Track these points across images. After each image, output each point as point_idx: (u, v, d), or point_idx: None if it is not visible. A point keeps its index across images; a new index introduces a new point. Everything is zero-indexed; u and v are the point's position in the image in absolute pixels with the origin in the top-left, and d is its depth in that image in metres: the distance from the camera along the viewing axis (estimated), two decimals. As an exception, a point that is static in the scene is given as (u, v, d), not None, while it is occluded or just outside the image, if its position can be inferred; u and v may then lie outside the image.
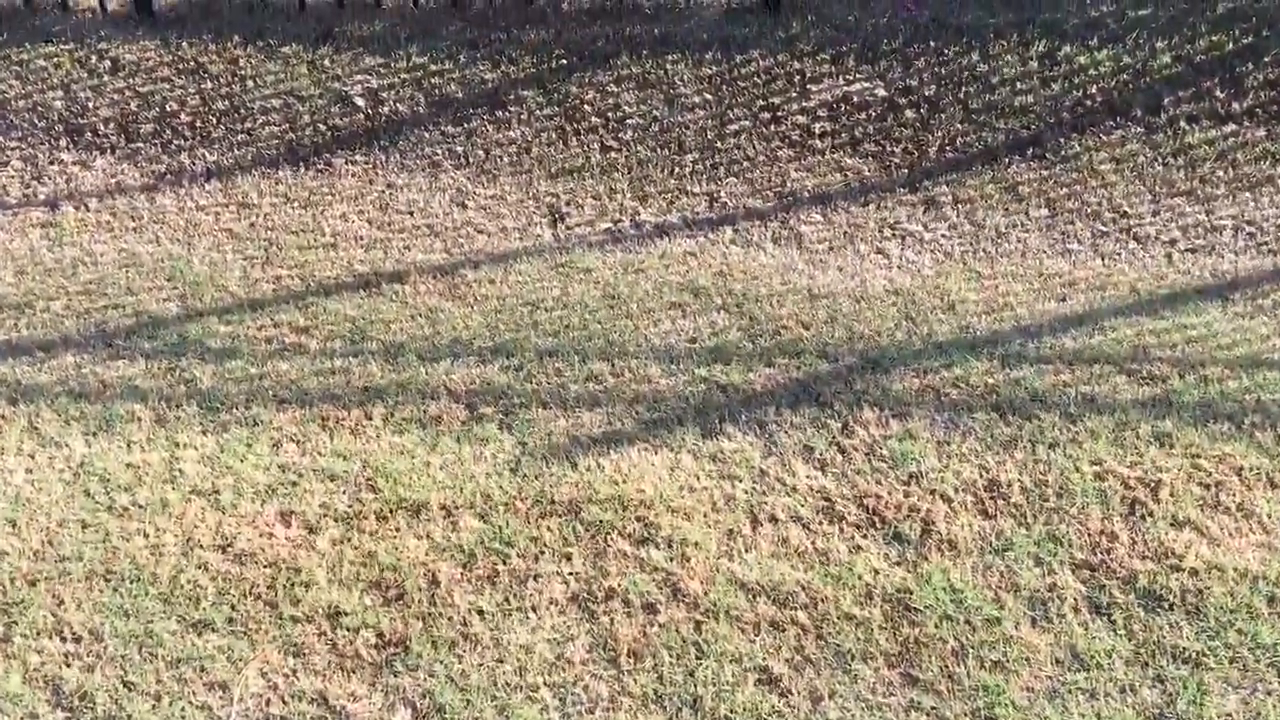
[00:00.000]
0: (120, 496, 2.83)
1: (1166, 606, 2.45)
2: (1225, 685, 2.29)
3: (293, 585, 2.60)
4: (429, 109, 4.43)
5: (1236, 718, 2.23)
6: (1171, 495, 2.68)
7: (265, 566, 2.64)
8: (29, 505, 2.82)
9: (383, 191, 4.16)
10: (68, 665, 2.44)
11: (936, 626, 2.44)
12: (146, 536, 2.72)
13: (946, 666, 2.37)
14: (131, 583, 2.61)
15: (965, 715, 2.28)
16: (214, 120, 4.45)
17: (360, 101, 4.48)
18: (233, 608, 2.55)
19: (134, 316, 3.51)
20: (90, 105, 4.52)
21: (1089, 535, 2.61)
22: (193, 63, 4.59)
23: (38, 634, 2.50)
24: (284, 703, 2.37)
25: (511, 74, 4.48)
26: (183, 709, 2.35)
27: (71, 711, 2.36)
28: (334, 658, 2.45)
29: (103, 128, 4.47)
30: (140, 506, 2.80)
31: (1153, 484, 2.72)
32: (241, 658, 2.44)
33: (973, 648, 2.40)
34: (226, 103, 4.48)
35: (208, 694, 2.38)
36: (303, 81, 4.51)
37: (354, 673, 2.42)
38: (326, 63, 4.56)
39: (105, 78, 4.58)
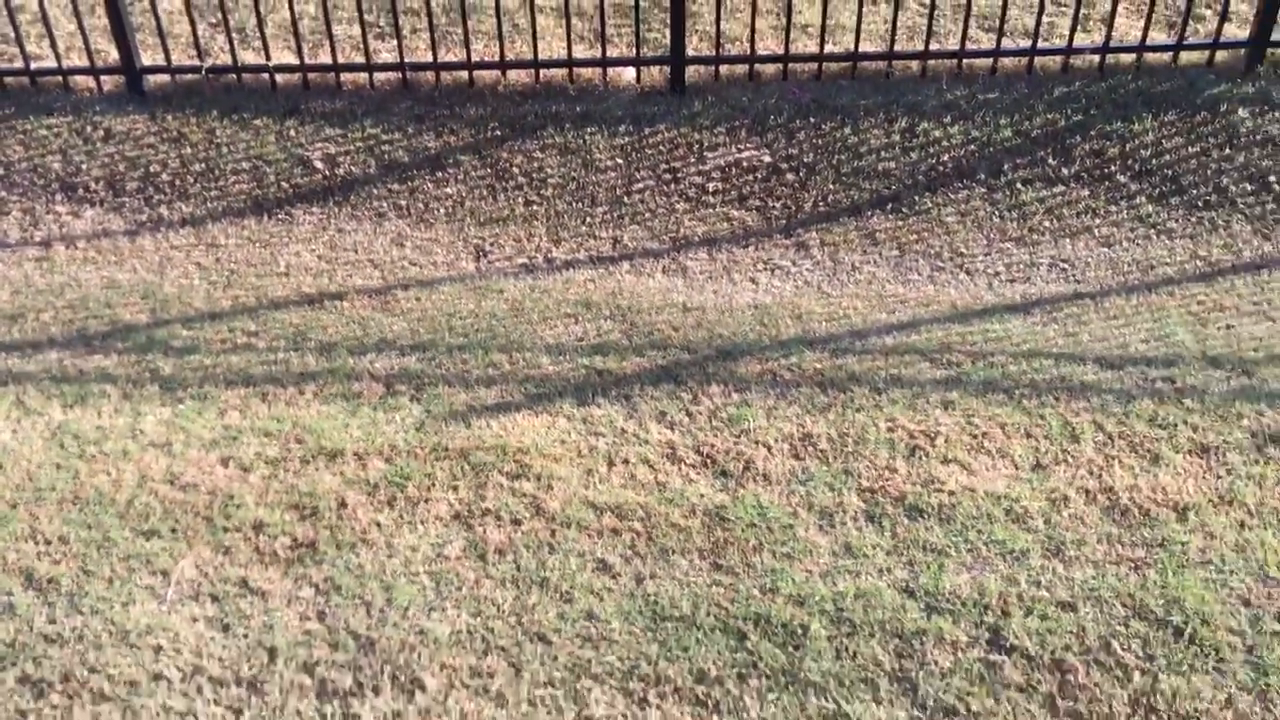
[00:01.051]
0: (89, 448, 3.51)
1: (925, 516, 3.12)
2: (960, 567, 2.95)
3: (226, 507, 3.26)
4: (379, 170, 5.25)
5: (964, 587, 2.88)
6: (946, 442, 3.38)
7: (205, 494, 3.31)
8: (12, 454, 3.49)
9: (333, 235, 4.94)
10: (39, 560, 3.08)
11: (743, 531, 3.10)
12: (109, 474, 3.39)
13: (746, 557, 3.02)
14: (94, 505, 3.26)
15: (755, 588, 2.92)
16: (191, 179, 5.25)
17: (319, 164, 5.30)
18: (175, 521, 3.20)
19: (110, 325, 4.23)
20: (84, 167, 5.33)
21: (875, 469, 3.29)
22: (175, 132, 5.42)
23: (15, 539, 3.15)
24: (213, 585, 3.00)
25: (452, 142, 5.32)
26: (130, 590, 2.98)
27: (41, 591, 2.99)
28: (255, 555, 3.09)
29: (93, 185, 5.27)
30: (105, 455, 3.48)
31: (933, 434, 3.42)
32: (180, 554, 3.08)
33: (769, 545, 3.05)
34: (203, 165, 5.30)
35: (151, 579, 3.02)
36: (270, 148, 5.34)
37: (271, 565, 3.06)
38: (292, 132, 5.40)
39: (98, 144, 5.41)
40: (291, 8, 5.33)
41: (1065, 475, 3.26)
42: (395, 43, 5.57)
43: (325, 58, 5.58)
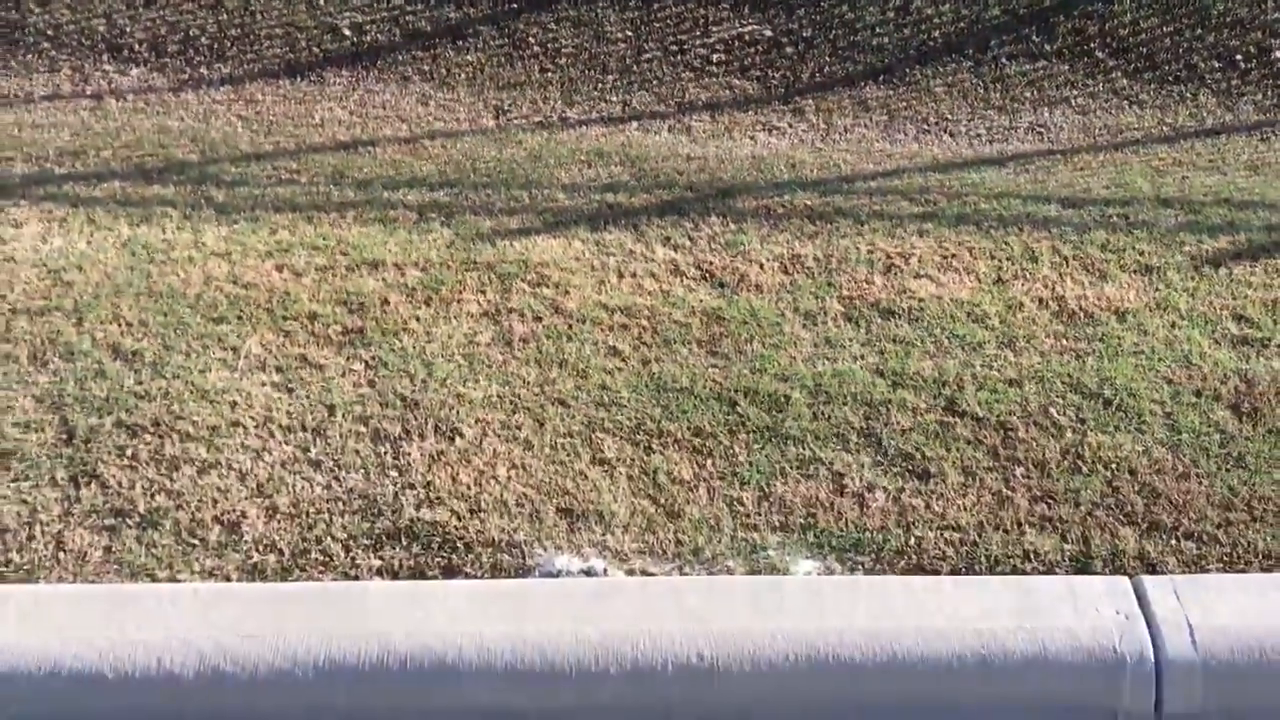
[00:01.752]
0: (157, 255, 4.00)
1: (896, 316, 3.63)
2: (925, 354, 3.47)
3: (284, 301, 3.76)
4: (403, 39, 5.68)
5: (927, 369, 3.40)
6: (919, 261, 3.88)
7: (264, 291, 3.81)
8: (89, 259, 3.98)
9: (362, 94, 5.39)
10: (124, 338, 3.58)
11: (736, 328, 3.61)
12: (178, 276, 3.89)
13: (739, 346, 3.54)
14: (168, 298, 3.76)
15: (746, 369, 3.44)
16: (228, 43, 5.69)
17: (348, 31, 5.72)
18: (240, 311, 3.71)
19: (164, 162, 4.70)
20: (127, 29, 5.76)
21: (855, 282, 3.80)
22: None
23: (100, 322, 3.65)
24: (277, 359, 3.51)
25: (471, 14, 5.74)
26: (206, 360, 3.49)
27: (128, 361, 3.49)
28: (311, 338, 3.60)
29: (137, 46, 5.70)
30: (173, 260, 3.97)
31: (908, 255, 3.92)
32: (246, 335, 3.58)
33: (758, 338, 3.56)
34: (238, 30, 5.73)
35: (223, 353, 3.53)
36: (301, 16, 5.76)
37: (325, 346, 3.57)
38: (322, 2, 5.81)
39: (140, 9, 5.83)
40: (323, -119, 5.72)
41: (1022, 287, 3.76)
42: (420, -81, 5.97)
43: (353, -68, 5.98)
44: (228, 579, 2.86)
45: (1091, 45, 5.50)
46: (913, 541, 2.87)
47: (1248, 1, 5.59)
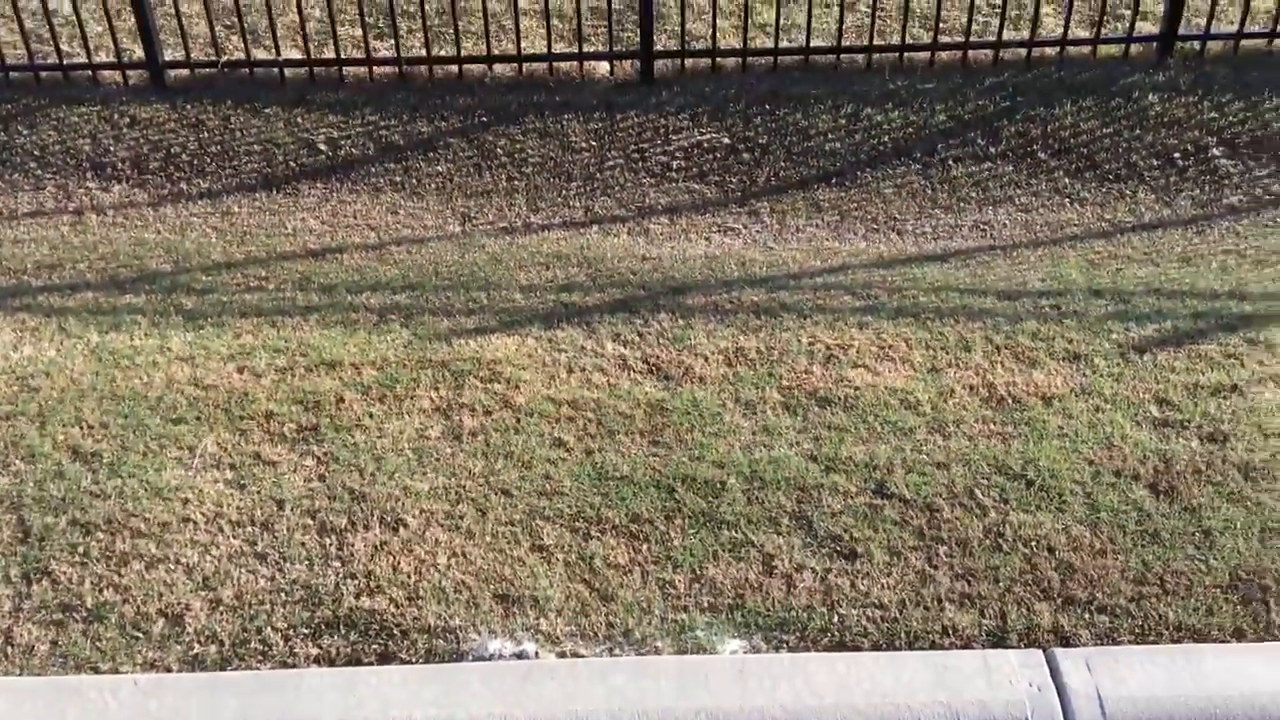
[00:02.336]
0: (123, 360, 4.16)
1: (833, 405, 3.75)
2: (858, 440, 3.58)
3: (242, 401, 3.90)
4: (376, 152, 5.93)
5: (859, 454, 3.51)
6: (857, 352, 4.02)
7: (224, 392, 3.95)
8: (57, 365, 4.14)
9: (335, 205, 5.61)
10: (84, 439, 3.71)
11: (679, 418, 3.74)
12: (141, 379, 4.04)
13: (680, 436, 3.65)
14: (129, 400, 3.91)
15: (685, 457, 3.55)
16: (208, 160, 5.94)
17: (323, 147, 5.98)
18: (199, 411, 3.84)
19: (138, 272, 4.89)
20: (111, 149, 6.02)
21: (795, 373, 3.93)
22: (194, 119, 6.12)
23: (63, 425, 3.79)
24: (231, 457, 3.63)
25: (442, 128, 6.00)
26: (161, 460, 3.61)
27: (86, 462, 3.61)
28: (266, 435, 3.73)
29: (120, 164, 5.96)
30: (137, 365, 4.13)
31: (847, 346, 4.06)
32: (202, 435, 3.71)
33: (699, 427, 3.68)
34: (218, 147, 5.99)
35: (179, 452, 3.66)
36: (279, 133, 6.03)
37: (280, 443, 3.70)
38: (299, 120, 6.09)
39: (124, 129, 6.11)
40: (300, 10, 6.04)
41: (955, 375, 3.89)
42: (393, 41, 6.28)
43: (330, 54, 6.28)
44: (169, 670, 2.93)
45: (1034, 147, 5.74)
46: (836, 619, 2.95)
47: (1184, 103, 5.84)
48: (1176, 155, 5.64)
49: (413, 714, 2.74)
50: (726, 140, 5.91)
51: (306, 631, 2.99)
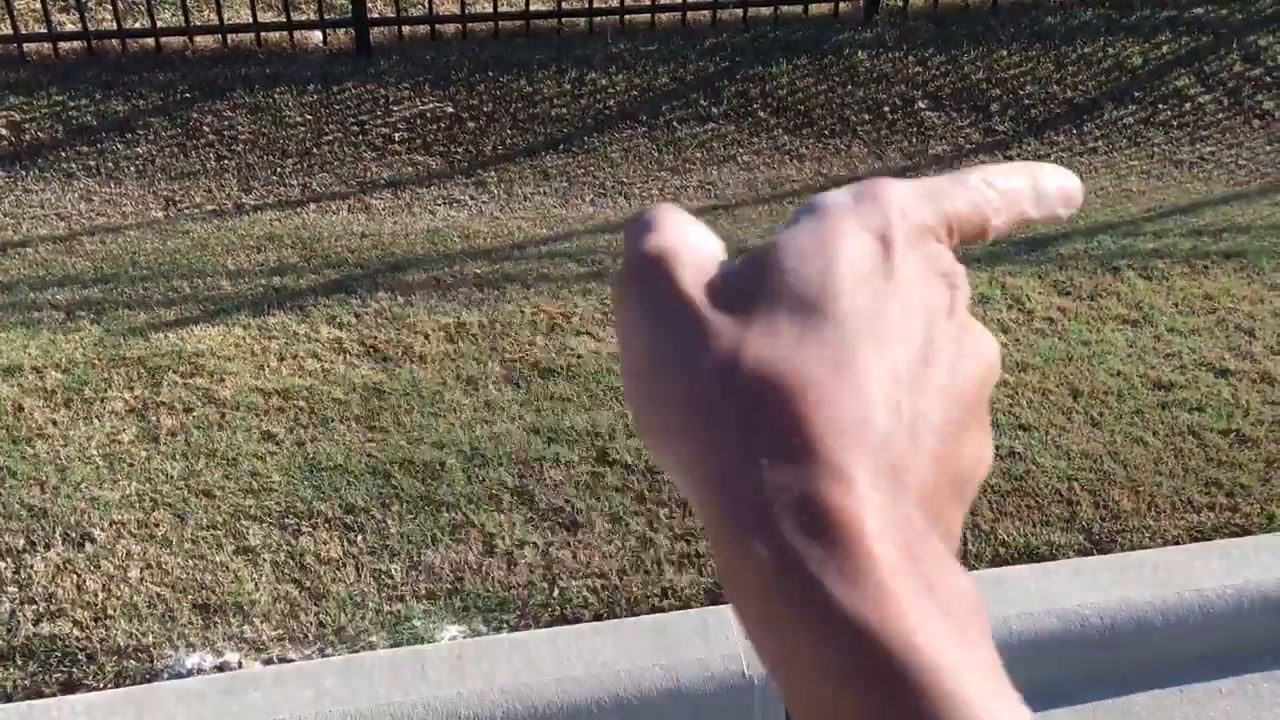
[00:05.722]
0: None
1: (555, 374, 3.71)
2: (580, 409, 3.54)
3: (-99, 419, 3.48)
4: (66, 135, 5.46)
5: (581, 423, 3.47)
6: (580, 320, 3.98)
7: (-121, 410, 3.52)
8: None
9: (19, 195, 5.13)
10: None
11: (397, 400, 3.60)
12: None
13: (398, 419, 3.52)
14: None
15: (403, 440, 3.42)
16: None
17: (4, 131, 5.45)
18: None
19: None
20: None
21: (518, 345, 3.86)
22: None
23: None
24: (-114, 482, 3.24)
25: (140, 106, 5.58)
26: None
27: None
28: (-69, 455, 3.35)
29: None
30: None
31: (570, 315, 4.02)
32: None
33: (418, 408, 3.56)
34: (-123, 135, 5.35)
35: None
36: (-49, 117, 5.45)
37: (-54, 462, 3.33)
38: (-27, 102, 5.52)
39: None
40: (-36, -23, 5.47)
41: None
42: (78, 15, 5.78)
43: (7, 29, 5.72)
44: None
45: (754, 106, 5.86)
46: (557, 594, 2.91)
47: (891, 58, 6.10)
48: (886, 109, 5.88)
49: (100, 745, 2.53)
50: (450, 109, 5.75)
51: (-24, 668, 2.71)
